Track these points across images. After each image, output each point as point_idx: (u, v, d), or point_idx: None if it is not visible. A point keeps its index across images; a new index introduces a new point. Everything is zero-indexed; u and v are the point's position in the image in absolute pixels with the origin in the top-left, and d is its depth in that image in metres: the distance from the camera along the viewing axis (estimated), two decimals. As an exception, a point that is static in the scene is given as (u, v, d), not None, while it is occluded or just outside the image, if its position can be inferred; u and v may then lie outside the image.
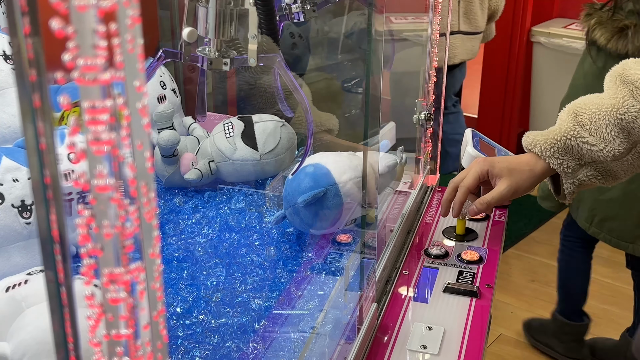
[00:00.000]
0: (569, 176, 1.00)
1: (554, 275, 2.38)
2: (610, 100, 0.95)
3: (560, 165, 0.99)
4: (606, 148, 0.95)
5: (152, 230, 0.35)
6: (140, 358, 0.36)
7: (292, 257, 1.04)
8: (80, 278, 0.38)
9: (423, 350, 0.87)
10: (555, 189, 1.07)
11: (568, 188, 1.01)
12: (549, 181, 1.08)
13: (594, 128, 0.95)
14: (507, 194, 1.02)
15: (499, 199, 1.02)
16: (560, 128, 0.99)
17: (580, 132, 0.96)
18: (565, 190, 1.02)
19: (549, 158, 0.99)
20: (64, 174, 0.35)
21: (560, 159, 0.98)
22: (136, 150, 0.33)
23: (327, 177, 1.04)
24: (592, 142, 0.95)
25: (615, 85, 0.96)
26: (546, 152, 0.99)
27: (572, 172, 0.99)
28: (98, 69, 0.30)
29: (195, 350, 0.83)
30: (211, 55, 0.77)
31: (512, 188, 1.01)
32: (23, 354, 0.67)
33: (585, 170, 1.00)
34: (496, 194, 1.03)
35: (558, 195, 1.07)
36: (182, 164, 1.20)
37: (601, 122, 0.95)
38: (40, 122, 0.32)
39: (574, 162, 0.98)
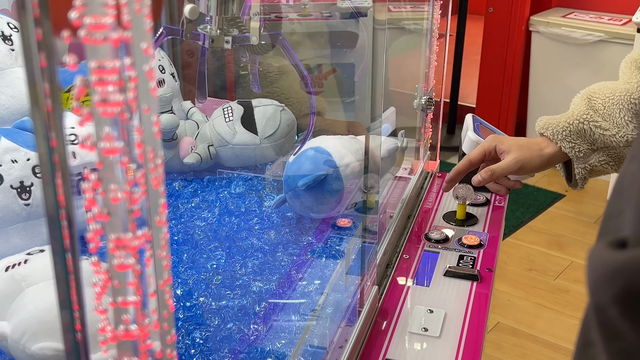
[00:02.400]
0: (581, 161, 0.99)
1: (551, 264, 2.38)
2: (624, 85, 0.95)
3: (572, 149, 0.98)
4: (619, 133, 0.95)
5: (159, 197, 0.35)
6: (147, 326, 0.35)
7: (292, 241, 1.04)
8: (86, 259, 0.38)
9: (424, 333, 0.87)
10: (567, 176, 1.07)
11: (579, 173, 1.01)
12: (560, 167, 1.07)
13: (607, 113, 0.95)
14: (514, 167, 1.01)
15: (504, 168, 1.01)
16: (573, 112, 0.98)
17: (594, 116, 0.96)
18: (577, 176, 1.01)
19: (560, 141, 0.98)
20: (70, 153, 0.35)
21: (573, 142, 0.98)
22: (143, 114, 0.32)
23: (328, 160, 1.03)
24: (605, 127, 0.95)
25: (630, 70, 0.96)
26: (558, 135, 0.99)
27: (584, 156, 0.98)
28: (106, 27, 0.29)
29: (195, 332, 0.83)
30: (213, 33, 0.76)
31: (519, 162, 1.00)
32: (23, 333, 0.67)
33: (597, 155, 0.99)
34: (502, 163, 1.02)
35: (570, 182, 1.06)
36: (181, 148, 1.19)
37: (615, 106, 0.94)
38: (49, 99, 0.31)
39: (586, 146, 0.97)
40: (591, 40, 2.78)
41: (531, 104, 3.10)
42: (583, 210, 2.73)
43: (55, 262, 0.35)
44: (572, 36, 2.82)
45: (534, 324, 2.09)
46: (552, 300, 2.20)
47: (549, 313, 2.14)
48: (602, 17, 2.89)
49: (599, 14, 2.93)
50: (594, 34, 2.77)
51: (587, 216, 2.68)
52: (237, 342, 0.82)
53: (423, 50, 1.30)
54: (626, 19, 2.81)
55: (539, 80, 3.03)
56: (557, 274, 2.33)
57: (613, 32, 2.73)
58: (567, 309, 2.16)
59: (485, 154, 1.04)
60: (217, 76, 1.57)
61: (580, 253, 2.44)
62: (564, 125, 0.98)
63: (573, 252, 2.45)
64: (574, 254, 2.44)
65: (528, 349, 1.99)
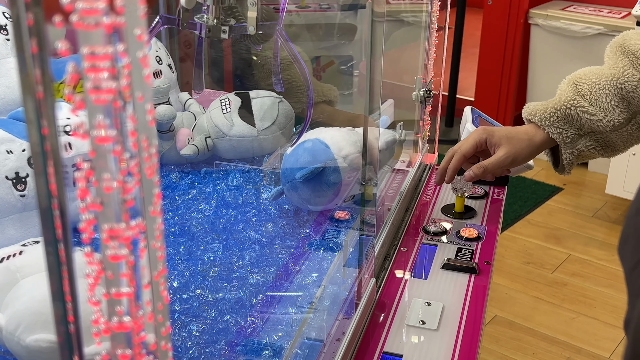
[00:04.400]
0: (568, 146, 0.99)
1: (549, 258, 2.38)
2: (610, 70, 0.95)
3: (560, 135, 0.98)
4: (606, 118, 0.95)
5: (153, 187, 0.34)
6: (141, 318, 0.35)
7: (290, 233, 1.03)
8: (80, 250, 0.37)
9: (422, 326, 0.86)
10: (554, 162, 1.07)
11: (567, 159, 1.01)
12: (547, 153, 1.07)
13: (593, 98, 0.95)
14: (505, 161, 1.01)
15: (496, 164, 1.02)
16: (560, 98, 0.99)
17: (580, 101, 0.96)
18: (564, 161, 1.02)
19: (548, 127, 0.99)
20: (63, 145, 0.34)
21: (560, 128, 0.98)
22: (137, 102, 0.32)
23: (326, 152, 1.03)
24: (591, 112, 0.95)
25: (615, 55, 0.96)
26: (545, 122, 0.99)
27: (572, 142, 0.99)
28: (98, 12, 0.29)
29: (192, 324, 0.82)
30: (210, 22, 0.75)
31: (510, 155, 1.01)
32: (18, 325, 0.66)
33: (585, 140, 0.99)
34: (494, 159, 1.02)
35: (557, 167, 1.07)
36: (178, 139, 1.18)
37: (601, 91, 0.95)
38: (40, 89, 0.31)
39: (573, 131, 0.98)
40: (590, 33, 2.77)
41: (530, 97, 3.10)
42: (581, 203, 2.73)
43: (47, 252, 0.34)
44: (571, 29, 2.81)
45: (531, 317, 2.09)
46: (549, 294, 2.20)
47: (546, 306, 2.14)
48: (601, 10, 2.88)
49: (598, 7, 2.92)
50: (593, 27, 2.76)
51: (585, 210, 2.68)
52: (234, 334, 0.81)
53: (422, 43, 1.29)
54: (625, 11, 2.80)
55: (537, 74, 3.02)
56: (554, 267, 2.33)
57: (612, 25, 2.73)
58: (564, 302, 2.16)
59: (477, 147, 1.04)
60: (214, 67, 1.56)
61: (578, 246, 2.44)
62: (551, 111, 0.99)
63: (570, 245, 2.45)
64: (572, 248, 2.44)
65: (525, 342, 1.99)
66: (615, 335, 2.01)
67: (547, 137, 1.00)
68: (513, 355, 1.94)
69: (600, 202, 2.72)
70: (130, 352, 0.35)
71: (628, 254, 0.70)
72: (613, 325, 2.05)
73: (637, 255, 0.69)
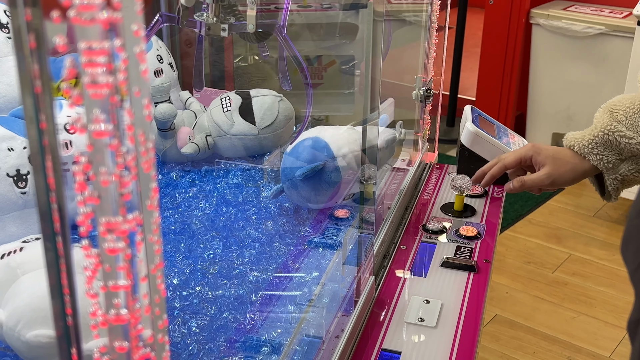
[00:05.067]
0: (611, 172, 1.00)
1: (550, 257, 2.38)
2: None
3: (600, 161, 0.99)
4: None
5: (150, 181, 0.35)
6: (138, 311, 0.35)
7: (290, 231, 1.03)
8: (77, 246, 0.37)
9: (420, 323, 0.87)
10: (600, 190, 1.07)
11: (611, 184, 1.01)
12: (593, 181, 1.07)
13: (630, 122, 0.96)
14: (546, 180, 1.01)
15: (536, 182, 1.02)
16: (597, 125, 0.99)
17: (617, 126, 0.96)
18: (609, 187, 1.02)
19: (588, 155, 0.99)
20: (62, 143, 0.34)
21: (600, 154, 0.99)
22: (134, 97, 0.32)
23: (326, 150, 1.03)
24: (629, 135, 0.96)
25: None
26: (585, 149, 1.00)
27: (613, 167, 0.99)
28: (95, 8, 0.29)
29: (192, 321, 0.82)
30: (209, 20, 0.75)
31: (552, 176, 1.01)
32: (18, 320, 0.67)
33: (626, 164, 1.00)
34: (535, 176, 1.03)
35: (603, 195, 1.07)
36: (179, 137, 1.19)
37: (636, 115, 0.96)
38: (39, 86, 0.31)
39: (614, 157, 0.98)
40: (592, 33, 2.77)
41: (531, 97, 3.10)
42: (582, 203, 2.73)
43: (45, 246, 0.35)
44: (572, 29, 2.81)
45: (531, 316, 2.09)
46: (550, 293, 2.20)
47: (546, 306, 2.14)
48: (603, 10, 2.88)
49: (599, 7, 2.92)
50: (594, 26, 2.76)
51: (586, 209, 2.68)
52: (233, 331, 0.82)
53: (422, 42, 1.29)
54: (627, 11, 2.80)
55: (539, 73, 3.02)
56: (555, 266, 2.33)
57: (613, 25, 2.73)
58: (564, 301, 2.16)
59: (520, 161, 1.05)
60: (215, 66, 1.56)
61: (579, 246, 2.44)
62: (589, 138, 0.99)
63: (571, 245, 2.45)
64: (573, 247, 2.44)
65: (526, 341, 1.99)
66: (615, 334, 2.02)
67: (589, 164, 1.00)
68: (514, 354, 1.94)
69: (601, 202, 2.72)
70: (127, 345, 0.36)
71: (631, 256, 0.71)
72: (613, 324, 2.05)
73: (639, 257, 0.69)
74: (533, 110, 3.06)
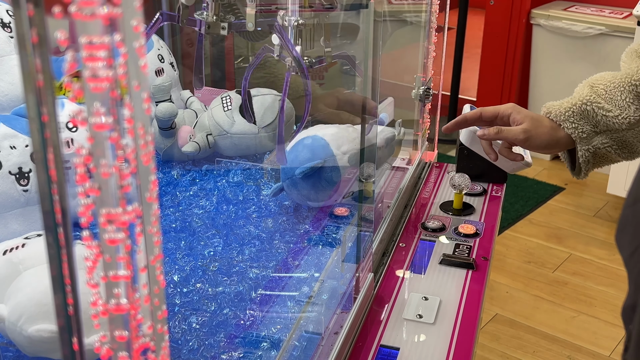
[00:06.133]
0: (584, 142, 1.00)
1: (550, 257, 2.39)
2: (625, 71, 0.98)
3: (575, 130, 0.99)
4: (621, 114, 0.96)
5: (149, 174, 0.35)
6: (138, 301, 0.36)
7: (290, 229, 1.04)
8: (79, 243, 0.38)
9: (419, 320, 0.87)
10: (571, 164, 1.07)
11: (583, 156, 1.01)
12: (564, 156, 1.07)
13: (609, 96, 0.97)
14: (521, 135, 1.01)
15: (512, 133, 1.02)
16: (575, 96, 1.00)
17: (597, 99, 0.97)
18: (580, 159, 1.01)
19: (563, 122, 0.99)
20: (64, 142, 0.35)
21: (576, 123, 0.99)
22: (133, 91, 0.33)
23: (325, 148, 1.04)
24: (607, 108, 0.96)
25: (630, 59, 0.98)
26: (561, 117, 1.00)
27: (587, 137, 0.99)
28: (95, 3, 0.30)
29: (192, 317, 0.83)
30: (209, 19, 0.76)
31: (528, 133, 1.01)
32: (20, 316, 0.68)
33: (600, 137, 1.00)
34: (512, 129, 1.02)
35: (573, 169, 1.07)
36: (180, 136, 1.19)
37: (616, 89, 0.97)
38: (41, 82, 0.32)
39: (589, 127, 0.99)
40: (592, 33, 2.78)
41: (532, 98, 3.10)
42: (582, 203, 2.73)
43: (47, 239, 0.35)
44: (573, 29, 2.81)
45: (532, 315, 2.10)
46: (550, 293, 2.20)
47: (546, 305, 2.15)
48: (603, 11, 2.88)
49: (599, 7, 2.93)
50: (594, 27, 2.76)
51: (587, 209, 2.69)
52: (233, 327, 0.82)
53: (422, 42, 1.30)
54: (627, 12, 2.80)
55: (539, 74, 3.03)
56: (555, 266, 2.34)
57: (614, 25, 2.73)
58: (565, 301, 2.17)
59: (498, 115, 1.05)
60: (216, 65, 1.57)
61: (579, 246, 2.45)
62: (567, 107, 1.00)
63: (572, 245, 2.46)
64: (573, 247, 2.44)
65: (526, 341, 2.00)
66: (615, 333, 2.02)
67: (564, 133, 1.00)
68: (514, 353, 1.95)
69: (602, 202, 2.72)
70: (127, 334, 0.36)
71: (626, 242, 0.71)
72: (613, 323, 2.05)
73: (634, 243, 0.70)
74: (534, 110, 3.06)
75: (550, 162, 3.03)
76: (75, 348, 0.37)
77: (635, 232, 0.71)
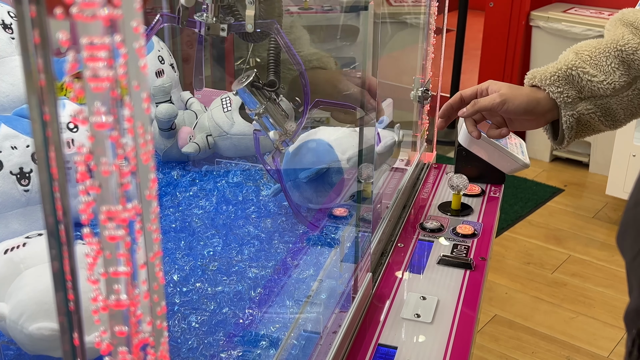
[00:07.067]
0: (569, 107, 0.99)
1: (549, 258, 2.39)
2: (610, 37, 0.98)
3: (560, 94, 0.99)
4: (606, 80, 0.96)
5: (149, 172, 0.36)
6: (137, 297, 0.37)
7: (289, 229, 1.05)
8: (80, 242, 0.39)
9: (417, 319, 0.88)
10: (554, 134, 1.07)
11: (567, 122, 1.00)
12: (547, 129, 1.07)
13: (594, 62, 0.97)
14: (497, 99, 1.01)
15: (488, 100, 1.02)
16: (560, 61, 1.00)
17: (582, 64, 0.97)
18: (564, 125, 1.01)
19: (548, 87, 0.99)
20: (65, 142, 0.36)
21: (561, 87, 0.98)
22: (133, 90, 0.34)
23: (330, 153, 1.05)
24: (592, 73, 0.96)
25: (614, 27, 0.98)
26: (546, 81, 0.99)
27: (572, 102, 0.99)
28: (96, 5, 0.30)
29: (191, 316, 0.84)
30: (209, 20, 0.77)
31: (504, 97, 1.01)
32: (21, 314, 0.68)
33: (585, 103, 0.99)
34: (487, 97, 1.03)
35: (555, 139, 1.07)
36: (180, 137, 1.20)
37: (601, 55, 0.97)
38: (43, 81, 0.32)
39: (574, 92, 0.98)
40: (591, 35, 2.78)
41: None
42: (581, 204, 2.74)
43: (48, 236, 0.36)
44: (572, 31, 2.82)
45: (530, 316, 2.10)
46: (549, 294, 2.21)
47: (545, 306, 2.15)
48: (603, 13, 2.89)
49: (599, 9, 2.94)
50: (594, 29, 2.77)
51: (586, 211, 2.69)
52: (232, 326, 0.83)
53: (421, 43, 1.31)
54: (626, 14, 2.81)
55: (539, 75, 3.03)
56: (554, 267, 2.34)
57: (613, 28, 2.74)
58: (564, 302, 2.17)
59: (477, 93, 1.05)
60: (216, 67, 1.58)
61: (578, 247, 2.45)
62: (552, 71, 0.99)
63: (571, 246, 2.46)
64: (572, 248, 2.45)
65: (525, 341, 2.00)
66: (614, 334, 2.03)
67: (548, 97, 1.00)
68: (513, 354, 1.96)
69: (601, 203, 2.73)
70: (127, 330, 0.37)
71: (628, 245, 0.71)
72: (612, 325, 2.06)
73: (637, 246, 0.70)
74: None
75: (550, 164, 3.04)
76: (76, 343, 0.38)
77: (637, 235, 0.71)
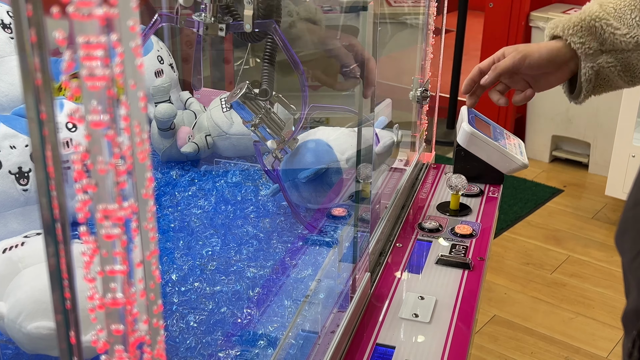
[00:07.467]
0: (589, 58, 0.98)
1: (548, 259, 2.39)
2: None
3: (582, 45, 0.97)
4: (630, 33, 0.96)
5: (145, 171, 0.36)
6: (133, 295, 0.37)
7: (287, 229, 1.05)
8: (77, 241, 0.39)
9: (415, 319, 0.88)
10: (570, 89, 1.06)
11: (586, 73, 0.99)
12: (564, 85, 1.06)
13: (618, 15, 0.96)
14: (517, 57, 1.00)
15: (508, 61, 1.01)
16: (584, 11, 0.99)
17: (606, 16, 0.96)
18: (583, 77, 0.99)
19: (570, 37, 0.98)
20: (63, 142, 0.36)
21: (584, 38, 0.97)
22: (129, 89, 0.34)
23: (329, 153, 1.05)
24: (616, 26, 0.95)
25: None
26: (569, 30, 0.98)
27: (593, 54, 0.98)
28: (92, 4, 0.31)
29: (190, 316, 0.84)
30: (207, 20, 0.77)
31: (522, 52, 1.00)
32: (19, 313, 0.68)
33: (606, 56, 0.98)
34: (507, 58, 1.02)
35: (572, 93, 1.06)
36: (179, 137, 1.20)
37: (626, 8, 0.96)
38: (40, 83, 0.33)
39: (595, 44, 0.97)
40: (591, 36, 2.79)
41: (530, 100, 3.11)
42: (581, 205, 2.74)
43: (46, 235, 0.36)
44: (571, 32, 2.82)
45: (530, 317, 2.10)
46: (549, 294, 2.21)
47: (545, 306, 2.15)
48: (602, 13, 2.89)
49: (599, 10, 2.94)
50: (593, 29, 2.77)
51: (585, 211, 2.69)
52: (230, 325, 0.83)
53: (420, 44, 1.31)
54: (626, 15, 2.81)
55: (538, 76, 3.03)
56: (553, 268, 2.34)
57: (613, 28, 2.74)
58: (563, 302, 2.17)
59: (494, 61, 1.05)
60: (215, 67, 1.58)
61: (578, 248, 2.45)
62: (575, 21, 0.98)
63: (570, 246, 2.46)
64: (571, 249, 2.45)
65: (524, 342, 2.00)
66: (613, 335, 2.03)
67: (568, 47, 0.99)
68: (512, 354, 1.96)
69: (600, 204, 2.73)
70: (123, 328, 0.37)
71: (627, 246, 0.71)
72: (611, 325, 2.06)
73: (636, 247, 0.70)
74: (532, 113, 3.08)
75: (549, 164, 3.04)
76: (73, 342, 0.38)
77: (636, 236, 0.71)
